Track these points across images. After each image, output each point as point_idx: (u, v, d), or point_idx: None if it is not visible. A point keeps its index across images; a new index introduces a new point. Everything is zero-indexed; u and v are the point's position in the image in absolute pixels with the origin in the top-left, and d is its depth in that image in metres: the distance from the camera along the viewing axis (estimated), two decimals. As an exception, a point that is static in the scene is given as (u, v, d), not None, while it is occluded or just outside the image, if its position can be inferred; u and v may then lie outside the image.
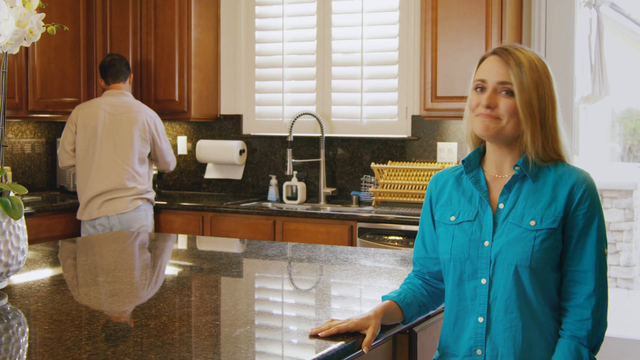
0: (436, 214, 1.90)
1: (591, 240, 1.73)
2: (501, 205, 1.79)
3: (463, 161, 1.87)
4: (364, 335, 1.74)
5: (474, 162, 1.87)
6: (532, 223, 1.74)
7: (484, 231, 1.79)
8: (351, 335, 1.73)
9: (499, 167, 1.84)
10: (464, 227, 1.81)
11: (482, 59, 1.85)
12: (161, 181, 5.37)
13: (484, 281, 1.77)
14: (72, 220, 4.57)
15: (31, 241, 3.92)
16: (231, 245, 3.27)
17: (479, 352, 1.77)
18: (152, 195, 4.47)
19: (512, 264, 1.73)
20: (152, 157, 4.54)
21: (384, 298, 1.88)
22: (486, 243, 1.77)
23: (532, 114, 1.76)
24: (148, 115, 4.45)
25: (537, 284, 1.73)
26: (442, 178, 1.93)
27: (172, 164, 4.66)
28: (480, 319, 1.77)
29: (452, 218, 1.84)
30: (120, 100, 4.45)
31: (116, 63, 4.50)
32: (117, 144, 4.34)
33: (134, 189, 4.35)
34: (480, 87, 1.81)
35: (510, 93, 1.77)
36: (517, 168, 1.79)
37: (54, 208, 4.53)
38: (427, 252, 1.94)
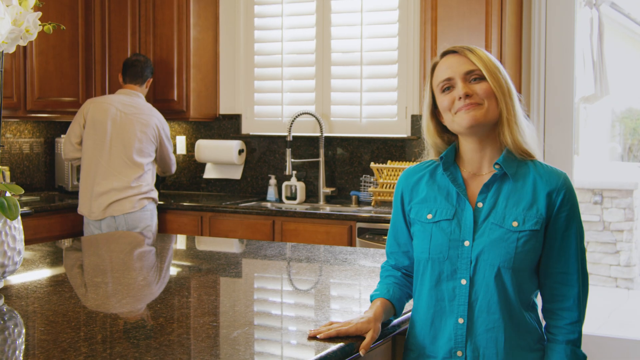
0: (411, 211, 1.87)
1: (574, 242, 1.75)
2: (480, 204, 1.78)
3: (441, 157, 1.85)
4: (363, 337, 1.72)
5: (450, 159, 1.85)
6: (515, 224, 1.73)
7: (463, 231, 1.77)
8: (350, 336, 1.72)
9: (477, 165, 1.83)
10: (442, 226, 1.79)
11: (435, 65, 1.85)
12: (159, 181, 5.35)
13: (463, 282, 1.75)
14: (70, 220, 4.55)
15: (29, 241, 3.90)
16: (230, 246, 3.25)
17: (459, 353, 1.75)
18: (156, 194, 4.47)
19: (495, 265, 1.72)
20: (157, 160, 4.54)
21: (373, 297, 1.86)
22: (466, 243, 1.75)
23: (505, 93, 1.77)
24: (158, 119, 4.47)
25: (517, 285, 1.73)
26: (414, 175, 1.90)
27: (174, 167, 4.68)
28: (461, 320, 1.75)
29: (429, 216, 1.82)
30: (132, 100, 4.45)
31: (138, 64, 4.51)
32: (127, 143, 4.34)
33: (139, 188, 4.33)
34: (447, 87, 1.80)
35: (478, 79, 1.78)
36: (497, 167, 1.78)
37: (52, 208, 4.52)
38: (400, 246, 1.92)
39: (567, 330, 1.74)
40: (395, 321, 1.89)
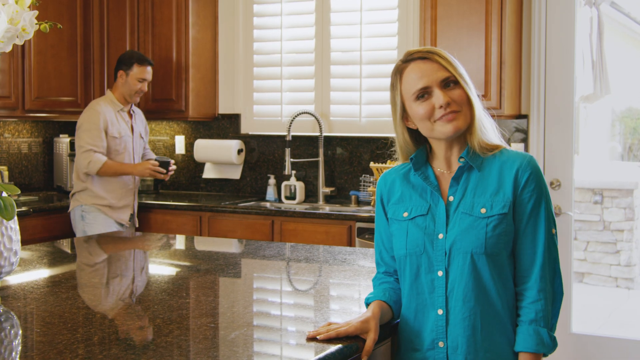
0: (389, 212, 1.90)
1: (540, 222, 1.77)
2: (451, 198, 1.82)
3: (411, 159, 1.88)
4: (363, 338, 1.71)
5: (421, 159, 1.88)
6: (483, 211, 1.76)
7: (437, 224, 1.80)
8: (350, 337, 1.70)
9: (447, 162, 1.86)
10: (418, 222, 1.83)
11: (401, 71, 1.83)
12: (157, 181, 5.32)
13: (440, 273, 1.78)
14: (68, 221, 4.53)
15: (27, 241, 3.89)
16: (229, 246, 3.24)
17: (440, 344, 1.78)
18: (79, 196, 4.31)
19: (468, 252, 1.75)
20: None
21: (368, 300, 1.87)
22: (440, 236, 1.79)
23: (474, 95, 1.81)
24: (84, 111, 4.37)
25: (494, 271, 1.75)
26: (390, 177, 1.94)
27: (79, 166, 4.26)
28: (440, 311, 1.78)
29: (405, 214, 1.86)
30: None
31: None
32: None
33: (74, 191, 4.36)
34: (423, 94, 1.80)
35: (452, 84, 1.79)
36: (462, 160, 1.82)
37: (51, 208, 4.50)
38: (388, 251, 1.94)
39: (529, 309, 1.75)
40: (394, 322, 1.88)
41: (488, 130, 1.84)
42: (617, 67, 6.55)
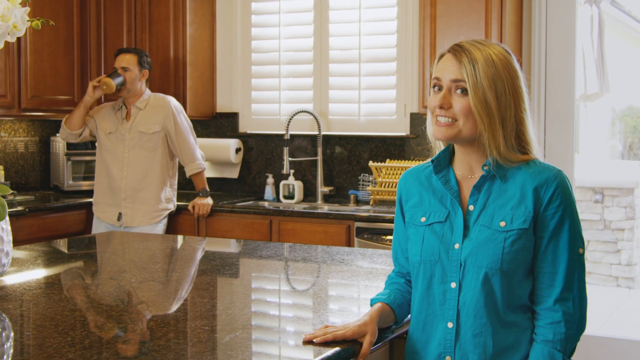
0: (406, 214, 1.84)
1: (563, 241, 1.67)
2: (471, 207, 1.73)
3: (433, 160, 1.80)
4: (360, 342, 1.68)
5: (444, 161, 1.81)
6: (502, 224, 1.68)
7: (454, 233, 1.72)
8: (347, 340, 1.67)
9: (468, 167, 1.78)
10: (435, 229, 1.75)
11: (440, 57, 1.77)
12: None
13: (453, 285, 1.71)
14: (65, 221, 4.50)
15: (23, 242, 3.85)
16: (226, 246, 3.20)
17: (448, 359, 1.71)
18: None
19: (482, 267, 1.67)
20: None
21: (373, 301, 1.82)
22: (456, 246, 1.71)
23: (490, 113, 1.68)
24: None
25: (507, 288, 1.67)
26: (411, 177, 1.87)
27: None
28: (450, 325, 1.71)
29: (423, 219, 1.78)
30: None
31: None
32: None
33: None
34: (438, 86, 1.74)
35: (464, 91, 1.69)
36: (485, 168, 1.73)
37: (47, 208, 4.46)
38: (403, 251, 1.88)
39: (547, 330, 1.67)
40: (397, 326, 1.84)
41: (520, 144, 1.72)
42: (617, 66, 6.53)
